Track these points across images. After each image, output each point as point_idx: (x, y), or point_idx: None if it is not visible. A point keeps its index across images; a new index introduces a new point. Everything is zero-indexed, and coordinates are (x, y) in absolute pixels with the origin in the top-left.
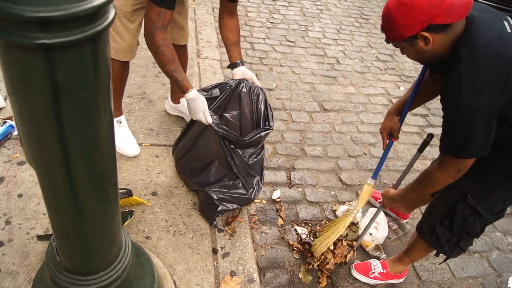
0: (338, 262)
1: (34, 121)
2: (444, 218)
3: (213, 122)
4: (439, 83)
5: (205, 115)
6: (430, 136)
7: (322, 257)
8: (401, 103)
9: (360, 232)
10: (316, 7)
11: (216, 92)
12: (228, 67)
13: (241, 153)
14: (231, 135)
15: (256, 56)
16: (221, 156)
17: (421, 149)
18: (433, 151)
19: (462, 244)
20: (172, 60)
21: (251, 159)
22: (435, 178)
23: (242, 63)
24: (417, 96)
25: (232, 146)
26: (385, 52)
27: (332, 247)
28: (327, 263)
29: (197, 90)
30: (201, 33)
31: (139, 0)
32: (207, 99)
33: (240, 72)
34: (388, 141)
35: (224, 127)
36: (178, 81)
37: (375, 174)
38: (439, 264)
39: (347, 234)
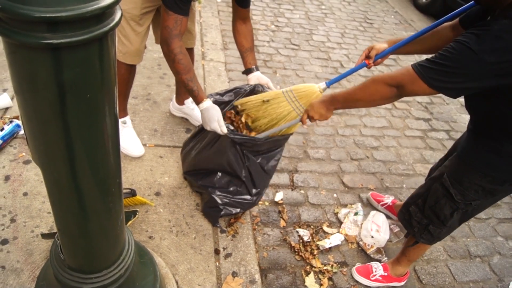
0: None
1: (40, 120)
2: (419, 198)
3: (228, 131)
4: (455, 34)
5: (220, 125)
6: None
7: (238, 120)
8: (400, 39)
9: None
10: (321, 11)
11: (231, 96)
12: (243, 73)
13: (255, 160)
14: (247, 140)
15: (260, 59)
16: (231, 163)
17: None
18: (435, 155)
19: (431, 228)
20: (189, 69)
21: (267, 166)
22: (376, 85)
23: (257, 69)
24: (424, 40)
25: (245, 151)
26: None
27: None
28: (240, 126)
29: (212, 94)
30: (206, 36)
31: (147, 4)
32: (221, 103)
33: (255, 77)
34: (364, 60)
35: (239, 133)
36: (193, 91)
37: (331, 82)
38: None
39: None
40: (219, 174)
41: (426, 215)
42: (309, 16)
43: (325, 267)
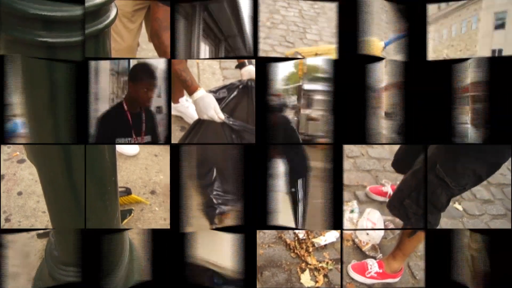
0: None
1: (35, 118)
2: (413, 191)
3: (225, 117)
4: None
5: (217, 112)
6: None
7: None
8: None
9: None
10: (313, 10)
11: (224, 92)
12: (236, 67)
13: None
14: (245, 128)
15: None
16: (227, 159)
17: None
18: None
19: (429, 217)
20: (181, 60)
21: None
22: None
23: (250, 62)
24: None
25: (242, 146)
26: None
27: None
28: None
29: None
30: None
31: (139, 0)
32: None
33: (247, 72)
34: None
35: (238, 121)
36: (187, 81)
37: (388, 42)
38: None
39: None
40: (215, 172)
41: (422, 206)
42: (302, 15)
43: (320, 264)
